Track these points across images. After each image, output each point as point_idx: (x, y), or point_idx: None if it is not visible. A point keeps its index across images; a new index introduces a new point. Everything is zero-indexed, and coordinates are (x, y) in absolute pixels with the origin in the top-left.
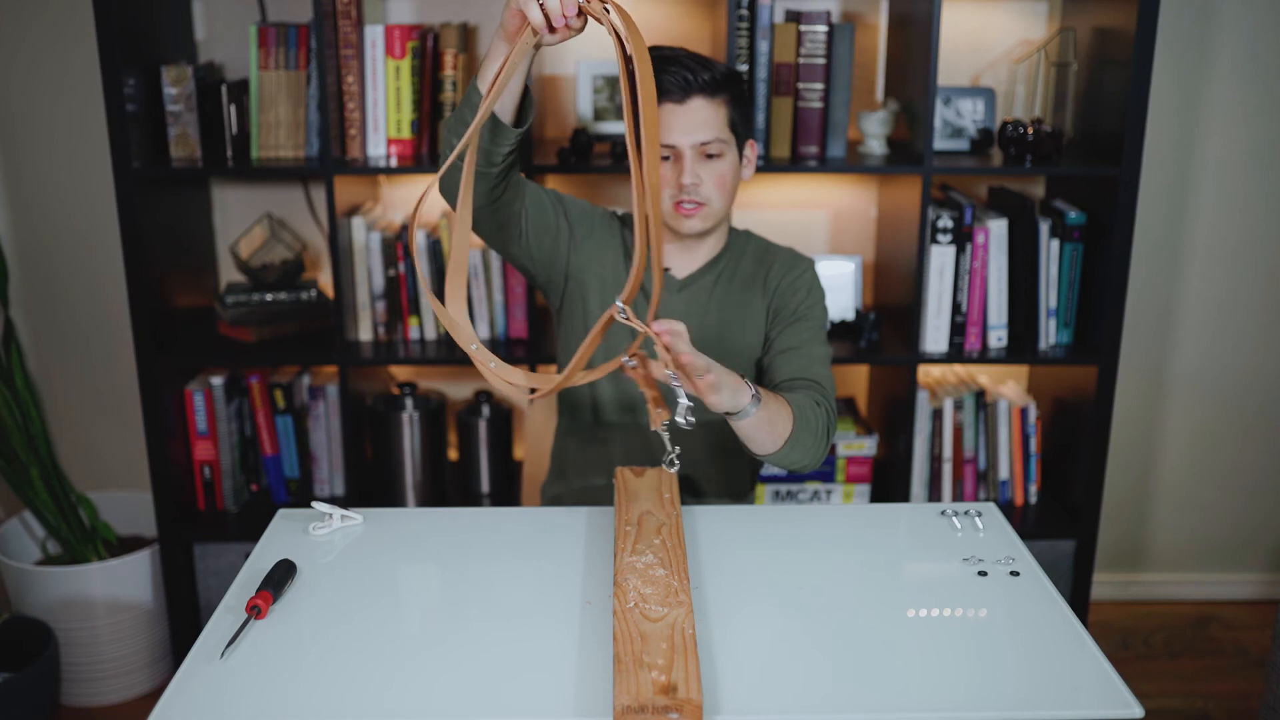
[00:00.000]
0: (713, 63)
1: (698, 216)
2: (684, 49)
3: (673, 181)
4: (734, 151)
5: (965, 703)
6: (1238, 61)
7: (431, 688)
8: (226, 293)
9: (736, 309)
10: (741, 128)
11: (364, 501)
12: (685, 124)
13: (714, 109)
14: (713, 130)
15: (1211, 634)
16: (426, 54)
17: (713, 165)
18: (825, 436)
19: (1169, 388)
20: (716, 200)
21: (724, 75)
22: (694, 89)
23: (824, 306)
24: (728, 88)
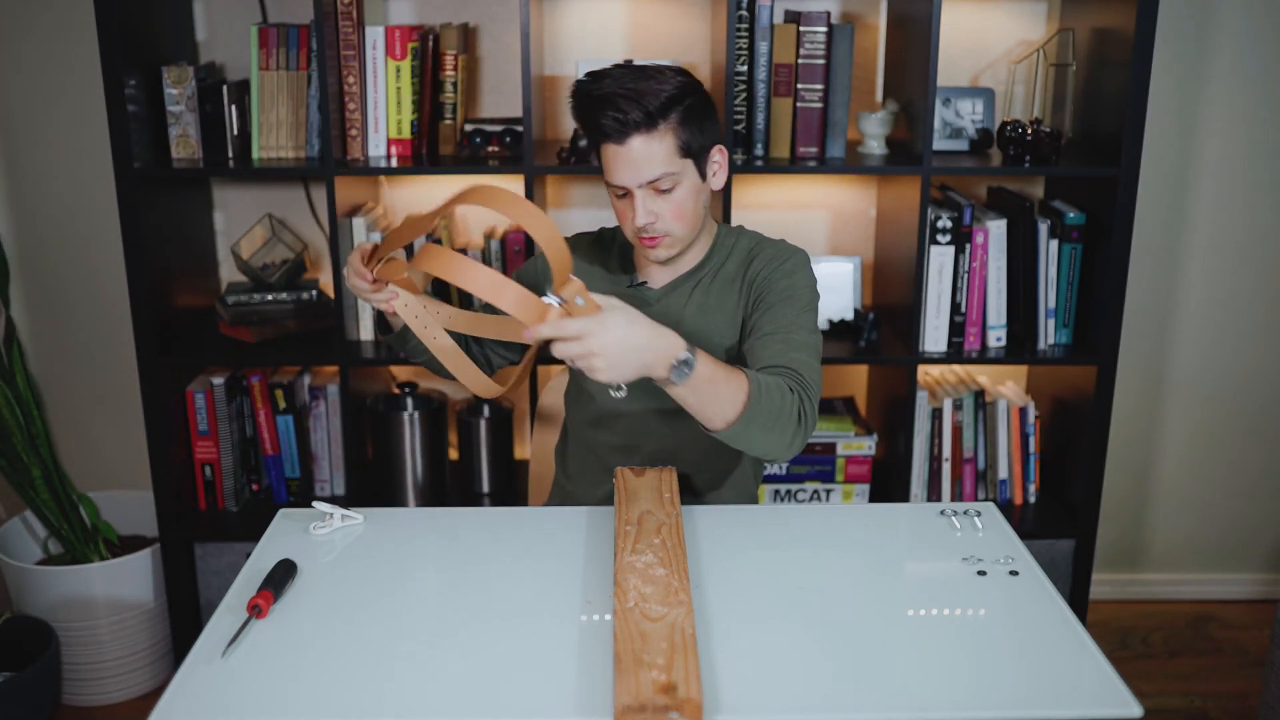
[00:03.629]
0: (650, 90)
1: (662, 246)
2: (620, 76)
3: (630, 217)
4: (690, 174)
5: (965, 702)
6: (1236, 62)
7: (432, 687)
8: (227, 293)
9: (714, 313)
10: (698, 143)
11: (364, 501)
12: (628, 164)
13: (656, 143)
14: (658, 166)
15: (1210, 633)
16: (427, 55)
17: (666, 198)
18: (796, 423)
19: (1168, 388)
20: (678, 229)
21: (664, 102)
22: (630, 129)
23: (813, 291)
24: (670, 113)
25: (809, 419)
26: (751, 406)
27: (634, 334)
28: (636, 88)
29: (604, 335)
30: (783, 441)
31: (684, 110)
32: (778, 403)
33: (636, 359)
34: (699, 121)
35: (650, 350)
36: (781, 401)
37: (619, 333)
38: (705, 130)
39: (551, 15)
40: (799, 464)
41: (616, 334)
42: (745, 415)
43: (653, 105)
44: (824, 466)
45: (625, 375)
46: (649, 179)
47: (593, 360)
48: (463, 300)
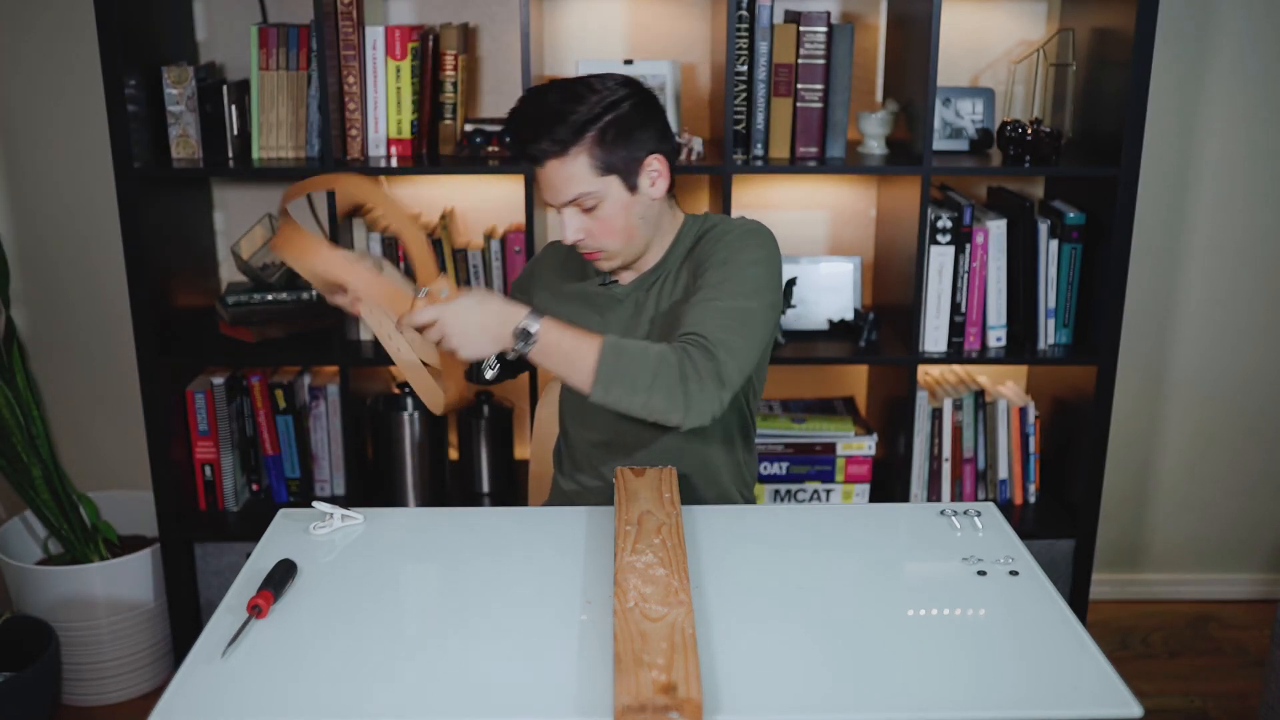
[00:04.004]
0: (561, 115)
1: (601, 259)
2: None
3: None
4: (615, 190)
5: (965, 702)
6: (1236, 62)
7: (432, 687)
8: (227, 293)
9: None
10: (623, 158)
11: (365, 501)
12: (548, 185)
13: (570, 165)
14: (575, 187)
15: (1210, 633)
16: (427, 55)
17: (592, 215)
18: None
19: (1168, 387)
20: (609, 244)
21: (576, 126)
22: (541, 156)
23: (756, 262)
24: (582, 136)
25: (702, 379)
26: (602, 369)
27: (483, 311)
28: (549, 112)
29: (455, 316)
30: (670, 403)
31: (600, 130)
32: (643, 364)
33: (486, 334)
34: (623, 137)
35: (497, 325)
36: (653, 363)
37: (468, 313)
38: (633, 143)
39: (551, 15)
40: (799, 464)
41: (466, 314)
42: (598, 379)
43: (560, 133)
44: (824, 466)
45: (482, 348)
46: (568, 199)
47: (450, 339)
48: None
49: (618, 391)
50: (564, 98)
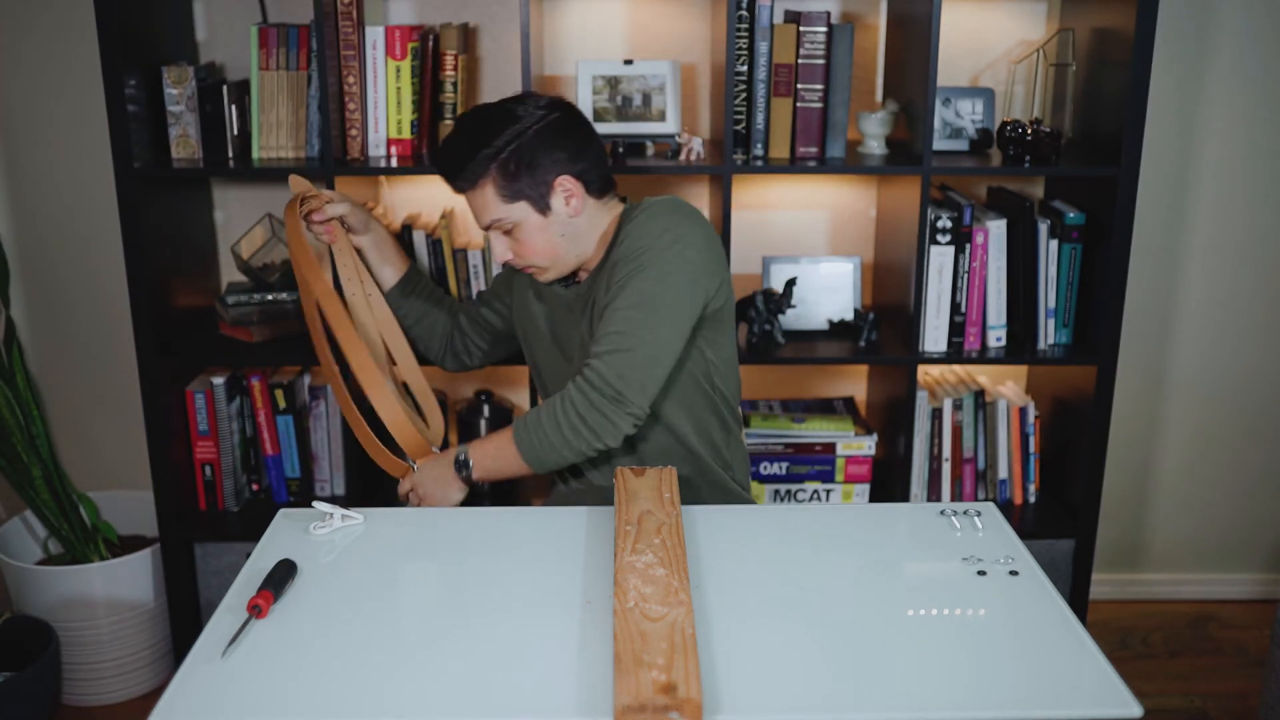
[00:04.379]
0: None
1: (537, 274)
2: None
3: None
4: (526, 213)
5: (965, 702)
6: (1236, 62)
7: (432, 687)
8: (227, 293)
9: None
10: (528, 185)
11: (365, 501)
12: (471, 211)
13: (479, 195)
14: (488, 214)
15: (1210, 633)
16: (427, 55)
17: (513, 237)
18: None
19: (1168, 387)
20: (537, 261)
21: (474, 164)
22: (455, 189)
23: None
24: (483, 172)
25: (596, 407)
26: (524, 452)
27: (431, 472)
28: (455, 149)
29: (422, 484)
30: (589, 440)
31: (502, 162)
32: (548, 427)
33: (446, 484)
34: (526, 165)
35: (447, 475)
36: (555, 420)
37: (424, 476)
38: (538, 169)
39: (551, 15)
40: (799, 464)
41: (423, 477)
42: (531, 458)
43: (460, 175)
44: (824, 466)
45: (451, 496)
46: (486, 224)
47: (424, 500)
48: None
49: (549, 458)
50: (472, 131)
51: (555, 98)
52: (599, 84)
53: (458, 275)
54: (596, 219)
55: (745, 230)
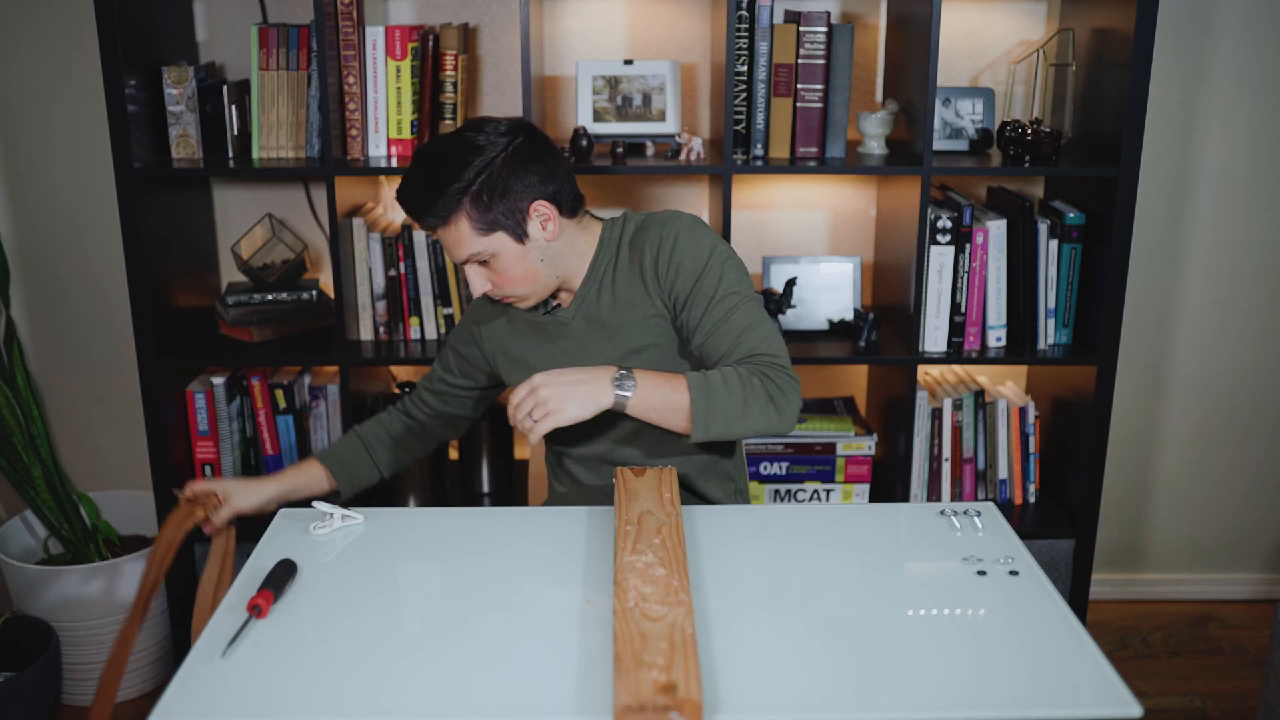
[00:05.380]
0: (431, 190)
1: (517, 302)
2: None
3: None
4: (504, 242)
5: (964, 702)
6: (1236, 62)
7: (432, 686)
8: (227, 293)
9: (625, 309)
10: (502, 214)
11: (365, 501)
12: (446, 248)
13: (454, 231)
14: (464, 248)
15: (1210, 633)
16: (427, 55)
17: (490, 268)
18: (768, 400)
19: (1167, 387)
20: (517, 290)
21: (451, 196)
22: (427, 228)
23: (716, 255)
24: (455, 207)
25: (786, 390)
26: (697, 413)
27: (567, 373)
28: (422, 188)
29: (549, 382)
30: (766, 421)
31: (474, 194)
32: (732, 398)
33: (582, 389)
34: (498, 194)
35: (592, 379)
36: (741, 394)
37: (560, 376)
38: (511, 196)
39: (551, 15)
40: (799, 464)
41: (558, 377)
42: (696, 423)
43: (436, 206)
44: (824, 466)
45: (581, 408)
46: (463, 259)
47: (549, 402)
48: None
49: (717, 429)
50: (436, 167)
51: (514, 120)
52: (599, 84)
53: (457, 275)
54: (574, 239)
55: (745, 230)
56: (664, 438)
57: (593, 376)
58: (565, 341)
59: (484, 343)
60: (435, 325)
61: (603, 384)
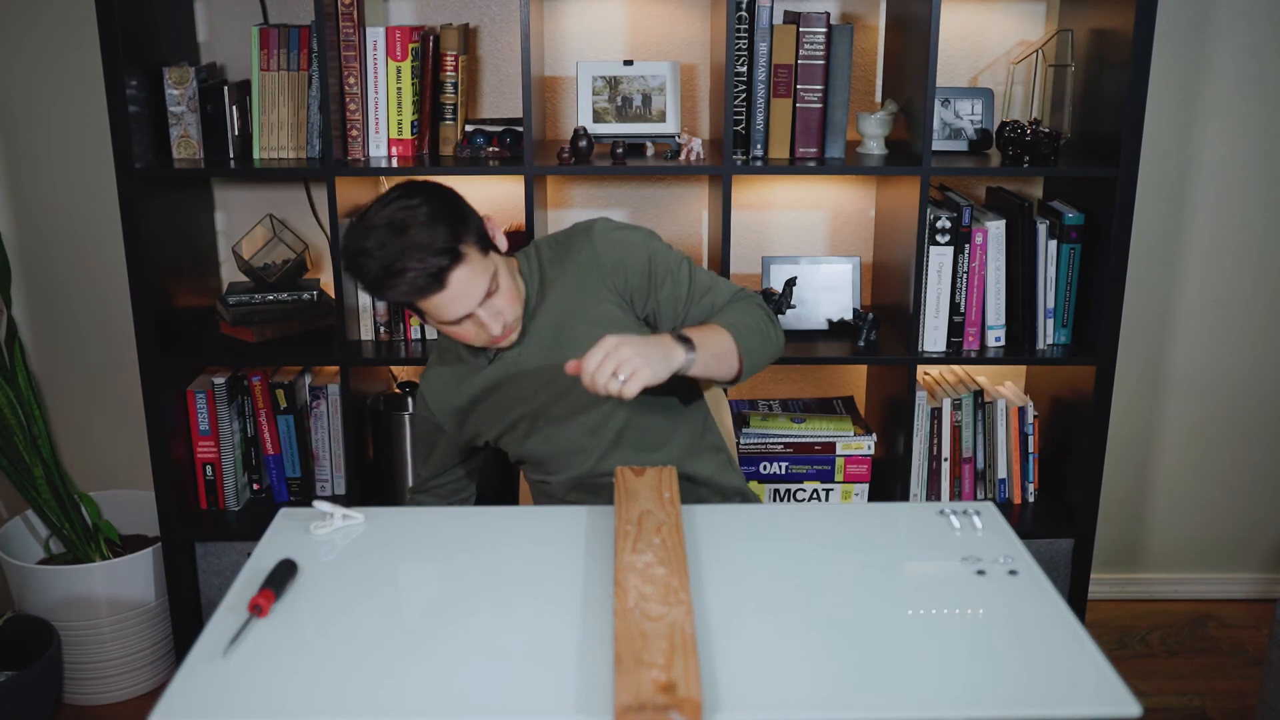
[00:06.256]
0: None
1: (511, 333)
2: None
3: (482, 332)
4: (495, 259)
5: (964, 701)
6: (1235, 63)
7: (432, 686)
8: (228, 293)
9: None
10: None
11: (365, 501)
12: (455, 300)
13: (469, 265)
14: (482, 279)
15: (1209, 633)
16: (427, 55)
17: (495, 296)
18: (770, 324)
19: (1166, 387)
20: (512, 311)
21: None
22: (445, 275)
23: (656, 246)
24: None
25: (768, 313)
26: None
27: (633, 338)
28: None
29: (626, 347)
30: (775, 341)
31: (466, 226)
32: (752, 327)
33: (655, 350)
34: (461, 217)
35: (658, 344)
36: (753, 324)
37: (625, 337)
38: (469, 215)
39: (551, 15)
40: (799, 464)
41: (632, 342)
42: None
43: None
44: (823, 466)
45: (656, 369)
46: (482, 294)
47: (632, 360)
48: None
49: (753, 361)
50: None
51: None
52: (599, 84)
53: None
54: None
55: (745, 230)
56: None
57: (657, 341)
58: (518, 381)
59: (448, 426)
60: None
61: (670, 346)
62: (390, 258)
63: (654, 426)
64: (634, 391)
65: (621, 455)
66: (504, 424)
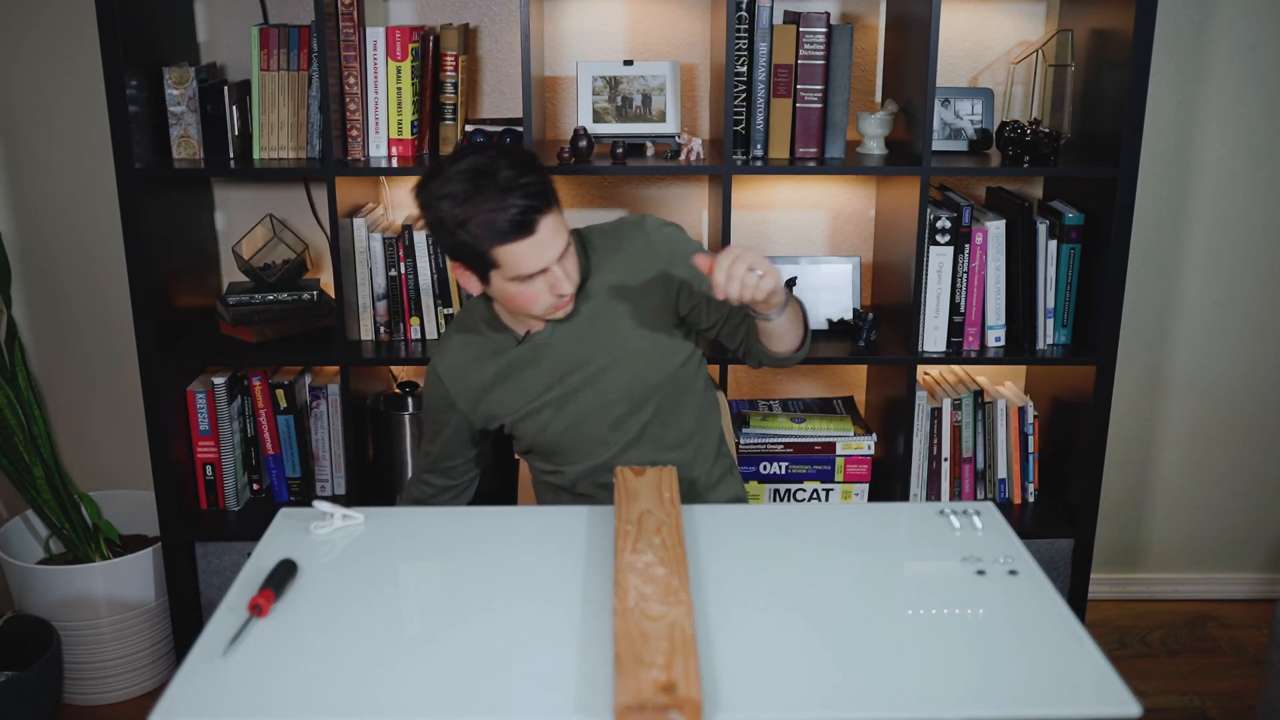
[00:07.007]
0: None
1: (570, 300)
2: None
3: (547, 292)
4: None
5: (964, 701)
6: (1235, 63)
7: (432, 686)
8: (228, 293)
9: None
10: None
11: (365, 501)
12: (541, 247)
13: (555, 217)
14: (563, 234)
15: (1208, 632)
16: (427, 55)
17: (567, 256)
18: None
19: (1166, 387)
20: (577, 277)
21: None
22: (537, 214)
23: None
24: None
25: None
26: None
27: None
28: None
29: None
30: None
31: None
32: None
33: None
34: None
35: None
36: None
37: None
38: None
39: (551, 15)
40: (799, 464)
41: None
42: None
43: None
44: (823, 466)
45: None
46: (563, 245)
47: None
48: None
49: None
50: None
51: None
52: (599, 85)
53: None
54: None
55: (745, 230)
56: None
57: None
58: (544, 363)
59: (462, 403)
60: (436, 325)
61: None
62: (483, 197)
63: (677, 425)
64: (766, 290)
65: (641, 451)
66: (526, 407)
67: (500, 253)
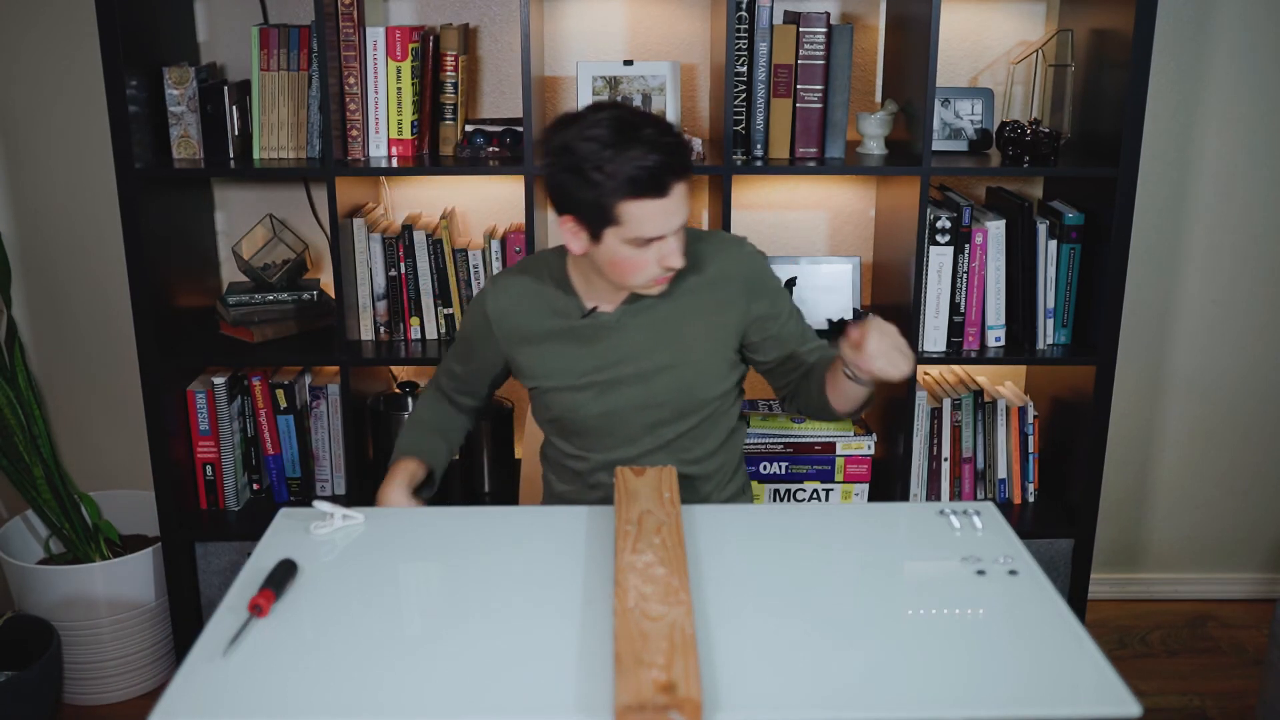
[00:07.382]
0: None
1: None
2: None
3: (655, 262)
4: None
5: (964, 701)
6: (1235, 63)
7: (432, 686)
8: (228, 293)
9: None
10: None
11: (365, 501)
12: (668, 213)
13: (686, 185)
14: (688, 205)
15: (1209, 632)
16: (427, 55)
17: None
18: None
19: (1166, 387)
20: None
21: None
22: (674, 176)
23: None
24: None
25: None
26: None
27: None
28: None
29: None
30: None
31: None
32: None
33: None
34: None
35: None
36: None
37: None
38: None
39: (551, 15)
40: (799, 464)
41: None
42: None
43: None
44: (824, 466)
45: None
46: (685, 215)
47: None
48: None
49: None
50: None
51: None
52: (599, 84)
53: (458, 275)
54: None
55: (745, 230)
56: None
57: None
58: (599, 344)
59: (503, 344)
60: (436, 325)
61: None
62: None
63: (704, 445)
64: (904, 374)
65: (662, 459)
66: (573, 380)
67: (627, 208)
